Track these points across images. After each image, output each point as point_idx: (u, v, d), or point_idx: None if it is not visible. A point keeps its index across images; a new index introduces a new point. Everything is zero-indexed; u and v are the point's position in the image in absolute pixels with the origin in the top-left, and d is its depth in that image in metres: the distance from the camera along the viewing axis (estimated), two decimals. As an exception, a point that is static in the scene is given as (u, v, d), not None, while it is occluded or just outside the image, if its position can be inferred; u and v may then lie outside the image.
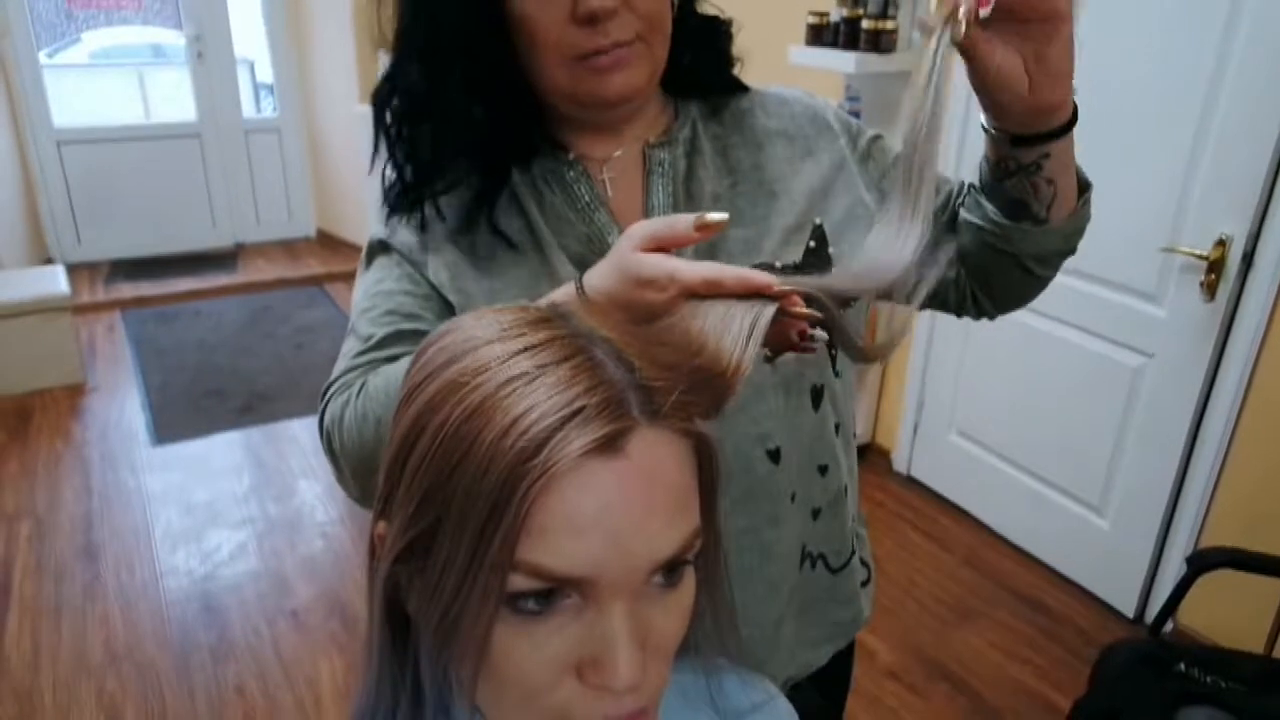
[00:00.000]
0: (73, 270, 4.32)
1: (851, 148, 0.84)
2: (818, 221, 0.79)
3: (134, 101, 6.56)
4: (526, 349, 0.43)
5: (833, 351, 0.82)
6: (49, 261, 4.54)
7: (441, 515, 0.42)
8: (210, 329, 4.16)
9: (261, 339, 4.07)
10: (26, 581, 2.40)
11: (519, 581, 0.41)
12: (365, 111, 4.21)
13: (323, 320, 4.31)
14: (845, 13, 2.51)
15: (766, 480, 0.78)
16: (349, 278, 4.05)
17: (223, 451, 3.11)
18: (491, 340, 0.44)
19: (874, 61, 2.47)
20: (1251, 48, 1.84)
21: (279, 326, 4.19)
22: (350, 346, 0.77)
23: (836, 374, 0.83)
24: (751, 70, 0.87)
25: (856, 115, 2.49)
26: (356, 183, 4.75)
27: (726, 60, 0.84)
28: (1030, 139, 0.69)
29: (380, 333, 0.74)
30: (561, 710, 0.44)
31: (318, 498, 2.84)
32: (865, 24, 2.46)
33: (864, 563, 0.96)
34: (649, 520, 0.42)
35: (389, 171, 0.77)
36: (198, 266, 4.83)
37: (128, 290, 4.47)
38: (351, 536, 2.63)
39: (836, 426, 0.85)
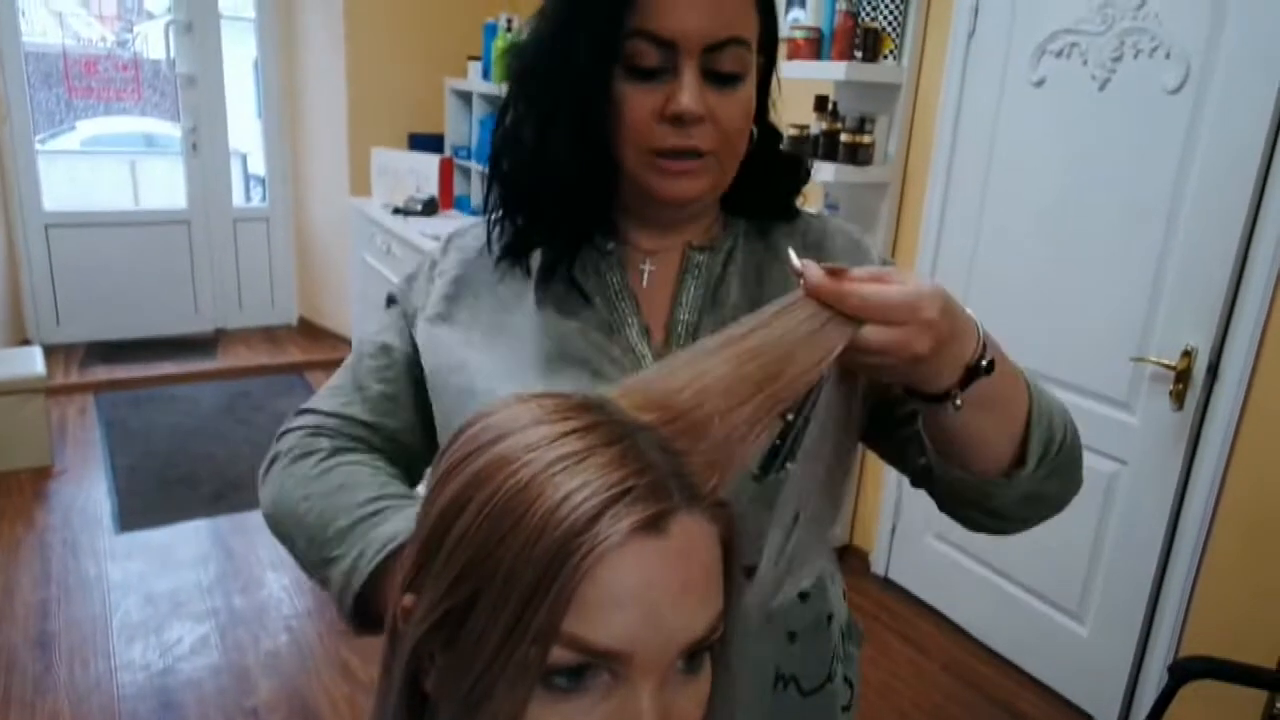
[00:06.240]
0: (50, 352, 4.29)
1: None
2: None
3: (124, 188, 6.63)
4: (574, 431, 0.45)
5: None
6: (26, 343, 4.50)
7: (482, 587, 0.43)
8: (185, 414, 4.10)
9: (236, 425, 4.02)
10: (-26, 673, 2.30)
11: (557, 654, 0.42)
12: (356, 204, 4.32)
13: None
14: (825, 126, 2.63)
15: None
16: (329, 366, 4.03)
17: (189, 540, 3.04)
18: (539, 422, 0.46)
19: (851, 172, 2.58)
20: (1208, 165, 1.94)
21: (255, 414, 4.14)
22: (339, 381, 0.90)
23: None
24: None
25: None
26: (340, 272, 4.80)
27: (793, 196, 0.87)
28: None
29: (366, 391, 0.88)
30: None
31: (285, 590, 2.76)
32: (843, 138, 2.58)
33: (848, 682, 0.92)
34: (685, 599, 0.44)
35: (495, 219, 0.83)
36: (177, 351, 4.80)
37: (103, 373, 4.42)
38: (318, 630, 2.56)
39: None
